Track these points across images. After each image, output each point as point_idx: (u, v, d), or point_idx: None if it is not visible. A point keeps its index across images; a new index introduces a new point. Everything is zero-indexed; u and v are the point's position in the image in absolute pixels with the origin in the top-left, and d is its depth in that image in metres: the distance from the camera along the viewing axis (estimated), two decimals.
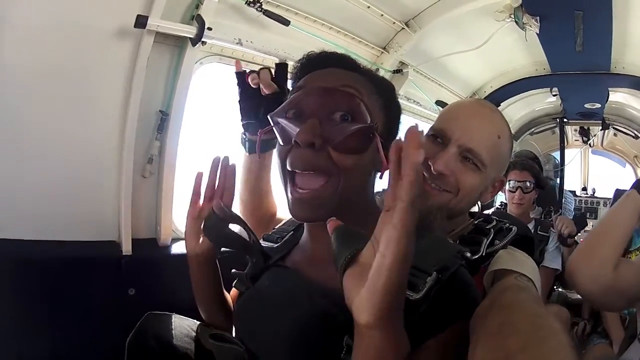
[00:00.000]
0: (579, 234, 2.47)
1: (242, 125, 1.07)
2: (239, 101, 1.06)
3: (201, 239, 0.90)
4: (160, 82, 1.43)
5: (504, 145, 0.93)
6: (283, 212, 1.19)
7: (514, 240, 0.90)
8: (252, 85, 0.98)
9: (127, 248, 1.36)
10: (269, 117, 0.75)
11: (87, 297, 1.28)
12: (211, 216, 0.85)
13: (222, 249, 0.91)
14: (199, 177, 0.97)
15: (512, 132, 4.18)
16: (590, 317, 2.48)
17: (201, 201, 0.96)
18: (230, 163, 0.97)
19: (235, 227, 0.87)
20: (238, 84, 1.05)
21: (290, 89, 0.80)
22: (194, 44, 1.38)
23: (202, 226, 0.87)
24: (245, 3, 1.50)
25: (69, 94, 1.24)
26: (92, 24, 1.22)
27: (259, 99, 0.98)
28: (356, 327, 0.51)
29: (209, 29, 1.36)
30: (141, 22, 1.22)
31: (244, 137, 1.07)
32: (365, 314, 0.48)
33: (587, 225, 2.88)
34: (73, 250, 1.28)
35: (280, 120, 0.72)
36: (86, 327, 1.28)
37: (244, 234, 0.86)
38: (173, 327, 0.91)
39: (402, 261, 0.45)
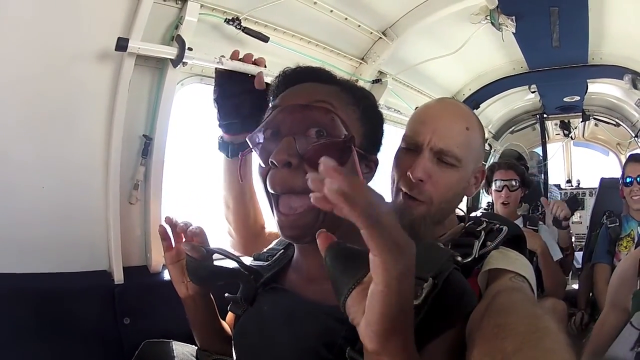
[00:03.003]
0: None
1: (222, 126, 1.05)
2: (216, 100, 1.04)
3: (186, 282, 0.90)
4: (143, 105, 1.41)
5: (475, 135, 0.95)
6: (272, 226, 1.17)
7: (506, 240, 0.91)
8: (237, 85, 1.00)
9: (119, 277, 1.32)
10: (247, 139, 0.74)
11: (82, 328, 1.24)
12: (189, 261, 0.85)
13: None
14: (162, 228, 0.96)
15: (493, 132, 4.23)
16: (586, 306, 2.50)
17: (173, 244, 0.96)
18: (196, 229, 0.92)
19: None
20: (218, 83, 1.04)
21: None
22: (175, 65, 1.36)
23: (185, 270, 0.87)
24: (225, 21, 1.50)
25: (51, 121, 1.21)
26: (74, 48, 1.20)
27: (241, 97, 0.97)
28: (365, 350, 0.49)
29: (190, 49, 1.35)
30: (122, 44, 1.20)
31: (221, 140, 1.06)
32: (369, 342, 0.46)
33: (580, 206, 2.91)
34: (65, 282, 1.23)
35: (259, 140, 0.73)
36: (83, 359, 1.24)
37: (229, 259, 0.86)
38: (175, 354, 0.90)
39: (396, 287, 0.43)
